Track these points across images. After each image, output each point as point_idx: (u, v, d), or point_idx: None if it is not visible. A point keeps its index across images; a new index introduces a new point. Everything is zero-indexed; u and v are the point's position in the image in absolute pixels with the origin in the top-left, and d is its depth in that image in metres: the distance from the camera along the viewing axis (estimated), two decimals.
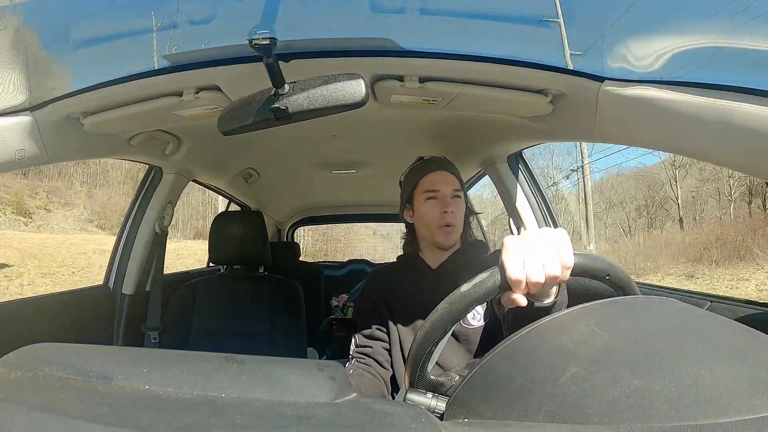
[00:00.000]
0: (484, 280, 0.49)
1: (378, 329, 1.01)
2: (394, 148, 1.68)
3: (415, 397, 0.48)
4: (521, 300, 0.49)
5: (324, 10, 0.75)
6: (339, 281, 3.02)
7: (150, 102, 0.94)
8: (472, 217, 1.09)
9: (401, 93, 0.93)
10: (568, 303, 0.59)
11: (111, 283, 1.49)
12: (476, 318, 0.92)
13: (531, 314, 0.53)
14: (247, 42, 0.62)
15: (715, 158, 0.68)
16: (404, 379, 0.57)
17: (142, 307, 1.50)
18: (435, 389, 0.51)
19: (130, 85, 0.87)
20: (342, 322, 2.25)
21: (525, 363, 0.37)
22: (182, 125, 1.19)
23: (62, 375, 0.32)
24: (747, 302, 0.84)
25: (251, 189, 2.18)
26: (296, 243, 3.18)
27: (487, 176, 1.76)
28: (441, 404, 0.46)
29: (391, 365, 0.99)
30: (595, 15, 0.72)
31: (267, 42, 0.62)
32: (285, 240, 3.24)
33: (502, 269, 0.48)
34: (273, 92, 0.67)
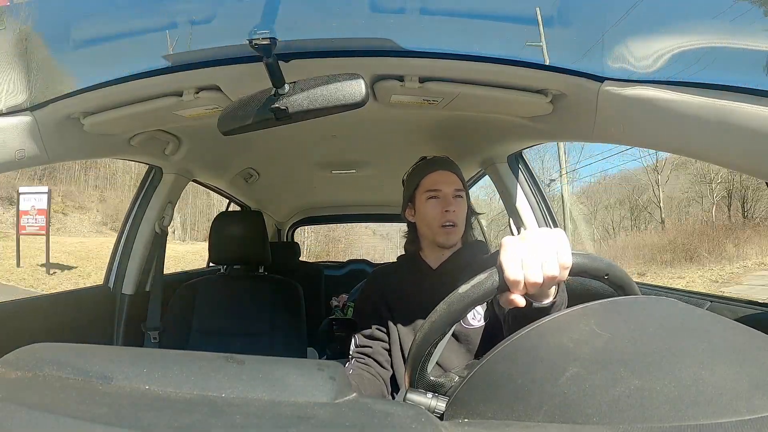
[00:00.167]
0: (483, 281, 0.49)
1: (378, 329, 1.01)
2: (394, 148, 1.68)
3: (415, 397, 0.48)
4: (520, 300, 0.49)
5: (324, 10, 0.75)
6: (339, 281, 3.02)
7: (150, 102, 0.94)
8: (473, 217, 1.09)
9: (401, 93, 0.93)
10: (568, 303, 0.59)
11: (111, 283, 1.49)
12: (476, 318, 0.92)
13: (531, 315, 0.53)
14: (247, 42, 0.62)
15: (715, 158, 0.68)
16: (404, 380, 0.57)
17: (142, 307, 1.50)
18: (435, 390, 0.51)
19: (130, 85, 0.87)
20: (342, 322, 2.25)
21: (525, 363, 0.37)
22: (182, 125, 1.19)
23: (62, 375, 0.32)
24: (747, 302, 0.84)
25: (251, 189, 2.18)
26: (296, 243, 3.17)
27: (482, 179, 1.76)
28: (441, 404, 0.46)
29: (391, 365, 0.99)
30: (595, 15, 0.72)
31: (267, 42, 0.62)
32: (285, 240, 3.24)
33: (501, 270, 0.48)
34: (273, 92, 0.67)
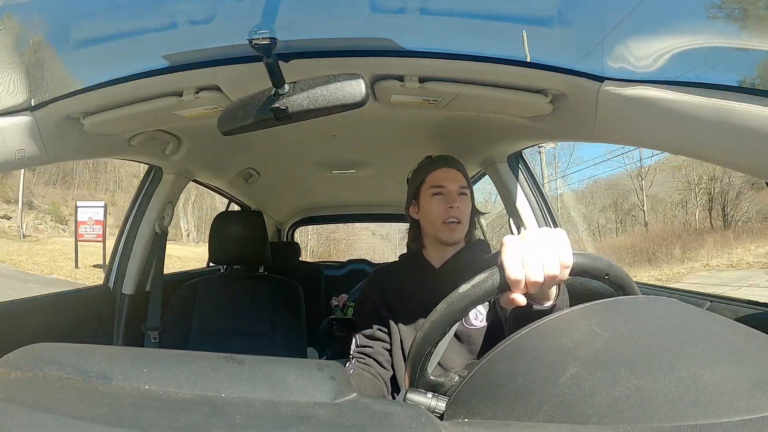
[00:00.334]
0: (483, 281, 0.49)
1: (379, 329, 1.01)
2: (394, 148, 1.68)
3: (415, 397, 0.48)
4: (520, 300, 0.49)
5: (324, 10, 0.74)
6: (339, 281, 3.02)
7: (150, 102, 0.94)
8: (477, 216, 1.09)
9: (401, 93, 0.93)
10: (568, 303, 0.59)
11: (111, 283, 1.49)
12: (479, 318, 0.92)
13: (532, 316, 0.53)
14: (247, 42, 0.62)
15: (715, 158, 0.68)
16: (404, 379, 0.56)
17: (142, 307, 1.50)
18: (435, 389, 0.51)
19: (130, 85, 0.87)
20: (342, 322, 2.25)
21: (525, 363, 0.37)
22: (182, 125, 1.19)
23: (62, 375, 0.32)
24: (747, 302, 0.84)
25: (251, 189, 2.18)
26: (296, 243, 3.18)
27: (480, 182, 1.76)
28: (441, 404, 0.46)
29: (392, 365, 0.98)
30: (595, 15, 0.72)
31: (267, 42, 0.62)
32: (285, 240, 3.24)
33: (502, 269, 0.48)
34: (273, 92, 0.66)
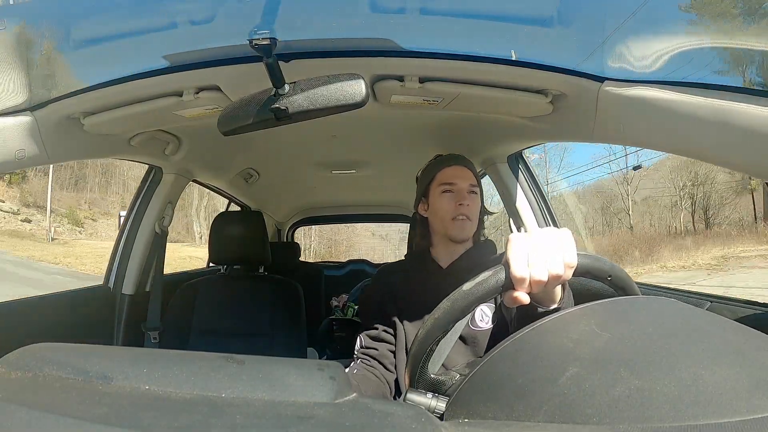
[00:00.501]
0: (488, 278, 0.48)
1: (384, 330, 0.99)
2: (394, 148, 1.68)
3: (415, 397, 0.48)
4: (524, 298, 0.48)
5: (324, 10, 0.74)
6: (339, 281, 3.01)
7: (150, 102, 0.94)
8: (486, 216, 1.08)
9: (401, 93, 0.93)
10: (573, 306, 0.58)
11: (111, 283, 1.49)
12: (484, 320, 0.91)
13: (536, 318, 0.53)
14: (247, 42, 0.62)
15: (715, 158, 0.68)
16: (404, 378, 0.56)
17: (142, 307, 1.50)
18: (435, 388, 0.51)
19: (130, 85, 0.87)
20: (342, 322, 2.25)
21: (525, 363, 0.37)
22: (182, 125, 1.19)
23: (62, 375, 0.32)
24: (747, 302, 0.84)
25: (251, 189, 2.18)
26: (296, 243, 3.17)
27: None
28: (441, 404, 0.46)
29: (395, 367, 0.96)
30: (595, 15, 0.72)
31: (267, 42, 0.62)
32: (285, 240, 3.24)
33: (507, 266, 0.48)
34: (273, 92, 0.66)
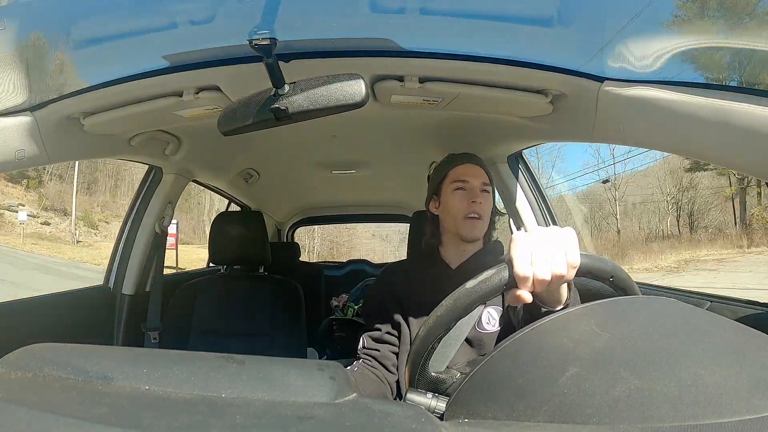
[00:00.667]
0: (491, 277, 0.48)
1: (388, 332, 0.97)
2: (394, 148, 1.68)
3: (415, 397, 0.48)
4: (527, 297, 0.48)
5: (324, 10, 0.74)
6: (339, 281, 3.01)
7: (150, 102, 0.94)
8: (497, 216, 1.07)
9: (401, 93, 0.93)
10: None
11: (111, 284, 1.49)
12: (491, 323, 0.90)
13: None
14: (247, 42, 0.62)
15: (715, 158, 0.69)
16: (404, 377, 0.56)
17: (142, 308, 1.50)
18: (436, 386, 0.51)
19: (130, 85, 0.87)
20: (342, 322, 2.25)
21: (525, 363, 0.37)
22: (182, 125, 1.19)
23: (62, 375, 0.32)
24: (747, 302, 0.84)
25: (251, 189, 2.18)
26: (296, 243, 3.17)
27: None
28: (441, 404, 0.46)
29: (397, 368, 0.95)
30: (594, 15, 0.72)
31: (267, 42, 0.62)
32: (285, 240, 3.24)
33: (510, 265, 0.48)
34: (273, 92, 0.66)
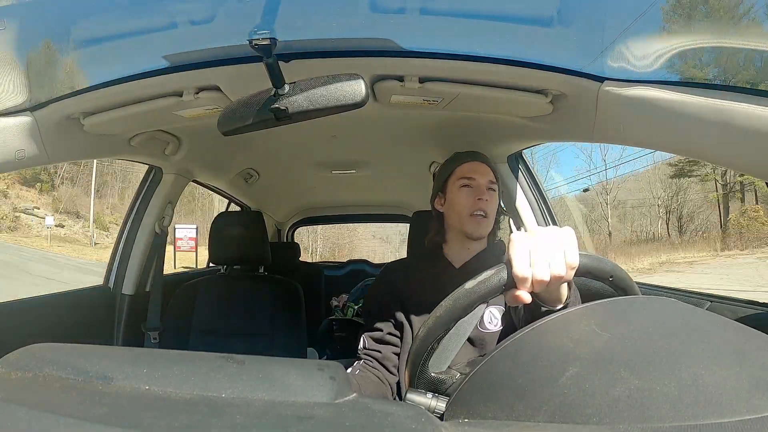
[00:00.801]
0: (490, 277, 0.48)
1: (389, 333, 0.96)
2: (393, 148, 1.68)
3: (415, 397, 0.48)
4: (526, 297, 0.48)
5: (324, 10, 0.74)
6: (339, 281, 3.01)
7: (150, 102, 0.94)
8: (502, 216, 1.06)
9: (401, 93, 0.93)
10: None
11: (111, 284, 1.49)
12: (493, 323, 0.89)
13: None
14: (247, 42, 0.62)
15: (715, 158, 0.69)
16: (404, 377, 0.56)
17: (142, 308, 1.50)
18: (436, 386, 0.51)
19: (130, 85, 0.87)
20: (342, 322, 2.25)
21: (525, 363, 0.37)
22: (182, 125, 1.19)
23: (62, 375, 0.32)
24: (747, 302, 0.84)
25: (251, 189, 2.18)
26: (296, 243, 3.17)
27: None
28: (441, 404, 0.46)
29: (398, 369, 0.94)
30: (595, 15, 0.72)
31: (267, 42, 0.62)
32: (285, 240, 3.24)
33: (509, 265, 0.48)
34: (273, 92, 0.66)
